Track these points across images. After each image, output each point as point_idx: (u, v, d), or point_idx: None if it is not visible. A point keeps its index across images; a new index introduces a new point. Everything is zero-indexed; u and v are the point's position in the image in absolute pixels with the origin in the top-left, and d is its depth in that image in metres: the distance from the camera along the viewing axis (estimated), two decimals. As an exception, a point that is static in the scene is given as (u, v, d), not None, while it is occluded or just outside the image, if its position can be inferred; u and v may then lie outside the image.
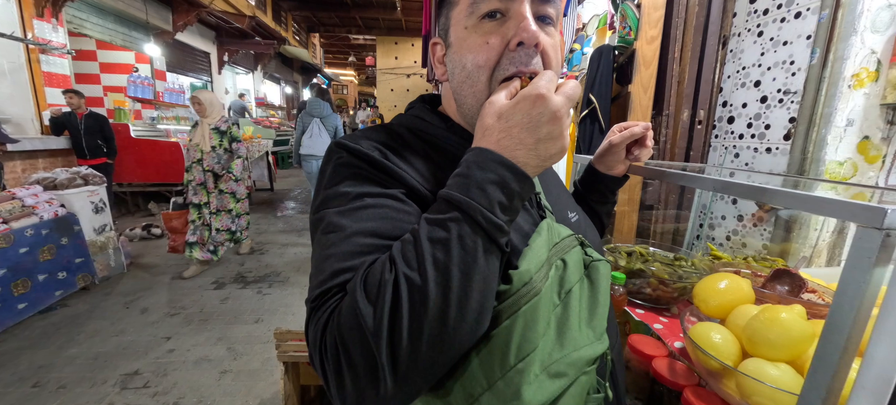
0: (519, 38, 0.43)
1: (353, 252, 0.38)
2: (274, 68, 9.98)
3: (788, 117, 1.08)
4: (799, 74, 1.06)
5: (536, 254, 0.41)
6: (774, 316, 0.52)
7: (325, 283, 0.37)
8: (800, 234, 1.13)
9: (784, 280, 0.74)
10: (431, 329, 0.32)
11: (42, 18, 3.65)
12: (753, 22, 1.16)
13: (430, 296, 0.32)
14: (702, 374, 0.61)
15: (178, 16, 5.70)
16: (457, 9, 0.47)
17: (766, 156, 1.14)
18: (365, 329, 0.32)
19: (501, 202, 0.35)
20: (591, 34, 2.13)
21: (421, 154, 0.48)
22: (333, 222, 0.41)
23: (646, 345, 0.71)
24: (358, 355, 0.32)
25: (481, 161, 0.36)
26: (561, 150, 0.37)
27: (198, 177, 2.99)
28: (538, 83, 0.37)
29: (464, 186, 0.36)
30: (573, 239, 0.46)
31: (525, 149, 0.36)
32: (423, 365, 0.33)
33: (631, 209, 1.28)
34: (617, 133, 0.72)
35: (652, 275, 0.87)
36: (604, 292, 0.44)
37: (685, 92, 1.21)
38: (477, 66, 0.45)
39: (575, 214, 0.59)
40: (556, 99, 0.36)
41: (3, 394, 1.81)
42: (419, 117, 0.53)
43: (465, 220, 0.34)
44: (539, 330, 0.38)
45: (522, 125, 0.36)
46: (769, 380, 0.48)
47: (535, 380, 0.37)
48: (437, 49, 0.53)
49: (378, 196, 0.42)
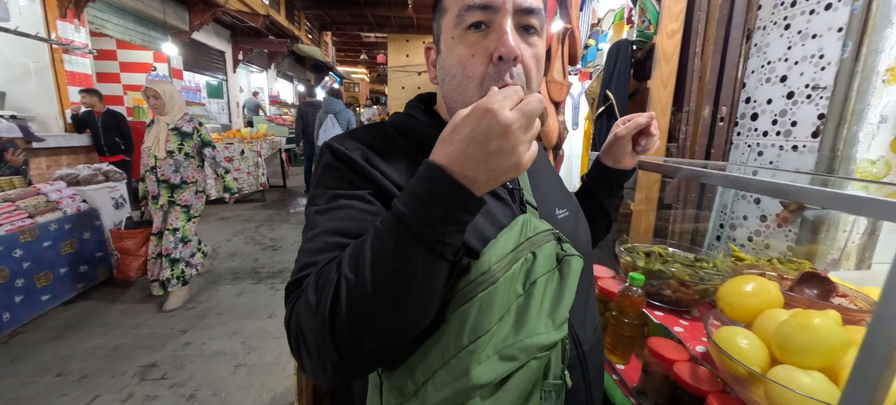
0: (499, 53, 0.46)
1: (319, 249, 0.44)
2: (287, 66, 10.09)
3: (817, 114, 1.04)
4: (829, 69, 1.01)
5: (501, 247, 0.44)
6: (807, 321, 0.49)
7: (296, 274, 0.43)
8: (827, 236, 1.08)
9: (813, 283, 0.71)
10: (368, 325, 0.36)
11: (65, 19, 3.75)
12: (780, 14, 1.12)
13: (365, 297, 0.36)
14: (727, 380, 0.59)
15: (194, 15, 5.80)
16: (446, 17, 0.50)
17: (792, 154, 1.10)
18: (313, 318, 0.37)
19: (442, 217, 0.36)
20: (607, 29, 2.08)
21: (404, 154, 0.52)
22: (311, 220, 0.47)
23: (666, 349, 0.69)
24: (311, 340, 0.38)
25: (427, 175, 0.37)
26: (514, 166, 0.36)
27: (152, 189, 2.43)
28: (491, 98, 0.36)
29: (408, 201, 0.37)
30: (549, 234, 0.49)
31: (473, 162, 0.36)
32: (362, 353, 0.37)
33: (648, 208, 1.25)
34: (621, 125, 0.73)
35: (672, 276, 0.84)
36: (571, 286, 0.46)
37: (707, 87, 1.17)
38: (465, 77, 0.48)
39: (564, 211, 0.61)
40: (508, 114, 0.35)
41: (29, 382, 1.87)
42: (411, 116, 0.57)
43: (404, 233, 0.36)
44: (494, 315, 0.42)
45: (470, 139, 0.35)
46: (801, 388, 0.46)
47: (487, 360, 0.40)
48: (431, 53, 0.56)
49: (349, 198, 0.46)
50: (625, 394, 0.75)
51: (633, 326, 0.81)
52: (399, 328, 0.38)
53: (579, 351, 0.54)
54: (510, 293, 0.43)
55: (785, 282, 0.73)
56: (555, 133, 1.40)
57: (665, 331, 0.80)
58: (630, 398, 0.73)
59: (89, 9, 4.06)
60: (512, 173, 0.37)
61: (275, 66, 9.31)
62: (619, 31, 1.67)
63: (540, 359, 0.42)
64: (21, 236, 2.16)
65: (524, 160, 0.37)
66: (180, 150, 2.39)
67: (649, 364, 0.70)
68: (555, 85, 1.36)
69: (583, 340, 0.55)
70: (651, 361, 0.69)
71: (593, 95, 1.41)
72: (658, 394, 0.69)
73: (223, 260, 3.35)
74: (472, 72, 0.48)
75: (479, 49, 0.47)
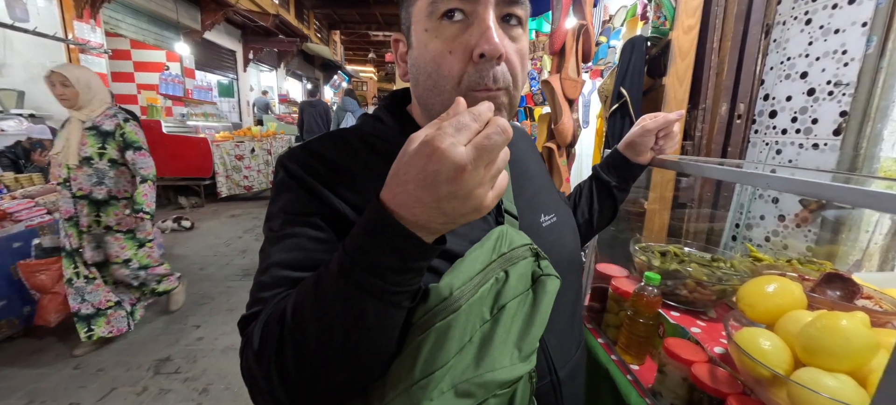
0: (480, 50, 0.39)
1: (269, 283, 0.41)
2: (296, 65, 10.17)
3: (839, 111, 1.01)
4: (852, 65, 0.98)
5: (468, 268, 0.39)
6: (833, 323, 0.48)
7: (249, 309, 0.41)
8: (849, 237, 1.05)
9: (836, 284, 0.69)
10: (318, 376, 0.35)
11: (81, 19, 3.83)
12: (801, 9, 1.09)
13: (312, 352, 0.34)
14: (748, 382, 0.58)
15: (206, 15, 5.88)
16: (417, 5, 0.43)
17: (812, 152, 1.07)
18: (261, 369, 0.35)
19: (392, 267, 0.32)
20: (619, 26, 2.06)
21: (366, 168, 0.46)
22: (264, 248, 0.44)
23: (683, 350, 0.68)
24: (262, 383, 0.36)
25: (374, 220, 0.32)
26: (474, 209, 0.30)
27: (65, 207, 1.84)
28: (442, 132, 0.29)
29: (354, 249, 0.32)
30: (526, 249, 0.43)
31: (424, 207, 0.30)
32: (318, 398, 0.36)
33: (662, 207, 1.23)
34: (650, 119, 0.72)
35: (689, 276, 0.83)
36: (544, 312, 0.41)
37: (724, 84, 1.14)
38: (441, 76, 0.42)
39: (552, 217, 0.56)
40: (459, 153, 0.28)
41: (47, 375, 1.92)
42: (379, 120, 0.51)
43: (350, 285, 0.32)
44: (452, 347, 0.37)
45: (418, 182, 0.29)
46: (827, 391, 0.45)
47: (440, 397, 0.36)
48: (400, 46, 0.49)
49: (302, 224, 0.43)
50: (639, 394, 0.74)
51: (649, 326, 0.80)
52: (353, 376, 0.36)
53: (553, 378, 0.49)
54: (475, 319, 0.38)
55: (806, 283, 0.72)
56: (570, 132, 1.39)
57: (682, 331, 0.79)
58: (645, 399, 0.73)
59: (104, 9, 4.14)
60: (473, 216, 0.31)
61: (284, 65, 9.39)
62: (633, 28, 1.65)
63: (499, 397, 0.37)
64: (40, 231, 2.22)
65: (486, 202, 0.31)
66: (102, 155, 1.82)
67: (666, 365, 0.69)
68: (569, 82, 1.35)
69: (559, 366, 0.50)
70: (668, 362, 0.68)
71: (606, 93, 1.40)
72: (675, 395, 0.68)
73: (234, 256, 3.40)
74: (448, 70, 0.41)
75: (458, 44, 0.41)
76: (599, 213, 0.76)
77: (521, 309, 0.41)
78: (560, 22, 1.35)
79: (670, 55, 1.14)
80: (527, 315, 0.41)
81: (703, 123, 1.19)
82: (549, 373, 0.49)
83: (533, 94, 2.75)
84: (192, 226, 4.18)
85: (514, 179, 0.54)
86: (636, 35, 1.35)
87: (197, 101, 5.92)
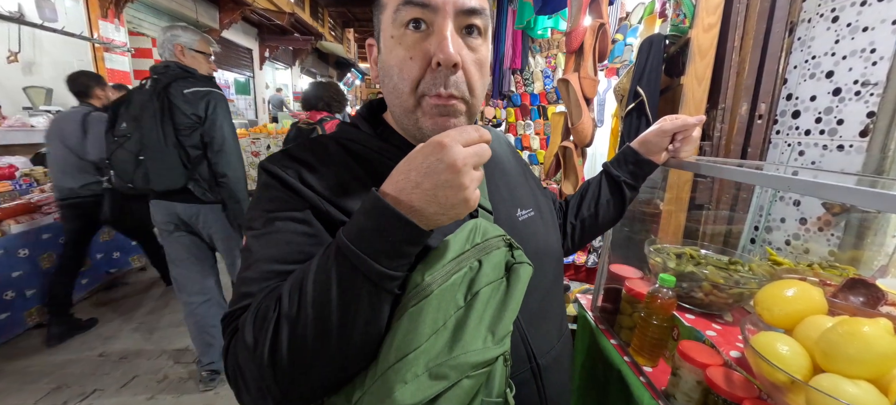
0: (437, 58, 0.43)
1: (256, 278, 0.42)
2: (311, 63, 10.29)
3: (867, 112, 0.98)
4: (881, 64, 0.95)
5: (440, 256, 0.41)
6: (855, 329, 0.47)
7: (234, 305, 0.42)
8: (874, 241, 1.02)
9: (859, 290, 0.67)
10: (311, 363, 0.36)
11: (106, 19, 3.96)
12: (827, 6, 1.06)
13: (307, 336, 0.35)
14: (764, 387, 0.57)
15: (224, 14, 6.00)
16: (385, 14, 0.46)
17: (837, 154, 1.04)
18: (251, 358, 0.36)
19: (387, 252, 0.36)
20: (636, 24, 2.02)
21: (344, 170, 0.48)
22: (248, 245, 0.45)
23: (698, 353, 0.67)
24: (250, 378, 0.37)
25: (371, 210, 0.36)
26: (463, 201, 0.36)
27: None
28: (447, 135, 0.36)
29: (353, 234, 0.36)
30: (500, 240, 0.45)
31: (421, 192, 0.35)
32: (307, 388, 0.37)
33: (678, 209, 1.21)
34: (669, 121, 0.72)
35: (705, 278, 0.82)
36: (516, 296, 0.43)
37: (745, 83, 1.12)
38: (401, 79, 0.45)
39: (528, 211, 0.58)
40: (458, 150, 0.35)
41: (75, 361, 2.01)
42: (355, 126, 0.53)
43: (347, 267, 0.35)
44: (424, 331, 0.38)
45: (420, 170, 0.36)
46: (848, 398, 0.44)
47: (414, 379, 0.36)
48: (373, 50, 0.52)
49: (286, 220, 0.44)
50: (653, 396, 0.74)
51: (662, 328, 0.79)
52: (343, 364, 0.37)
53: (533, 365, 0.51)
54: (448, 305, 0.40)
55: (828, 288, 0.70)
56: (589, 131, 1.38)
57: (697, 334, 0.78)
58: (658, 401, 0.72)
59: (128, 9, 4.26)
60: (461, 209, 0.37)
61: (299, 62, 9.51)
62: (651, 26, 1.62)
63: (473, 378, 0.38)
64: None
65: (473, 198, 0.37)
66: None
67: (680, 367, 0.69)
68: (588, 81, 1.33)
69: (538, 353, 0.52)
70: (682, 365, 0.68)
71: (622, 92, 1.38)
72: (688, 398, 0.68)
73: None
74: (408, 74, 0.44)
75: (418, 51, 0.44)
76: (606, 210, 0.76)
77: (494, 295, 0.42)
78: (578, 20, 1.34)
79: (689, 54, 1.12)
80: (500, 301, 0.42)
81: (723, 123, 1.16)
82: (529, 360, 0.51)
83: (546, 92, 2.73)
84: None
85: (489, 178, 0.56)
86: (654, 33, 1.33)
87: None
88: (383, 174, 0.44)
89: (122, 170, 1.56)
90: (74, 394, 1.77)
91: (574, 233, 0.76)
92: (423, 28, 0.44)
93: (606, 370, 0.89)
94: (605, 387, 0.90)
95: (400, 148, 0.51)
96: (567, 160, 1.59)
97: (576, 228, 0.76)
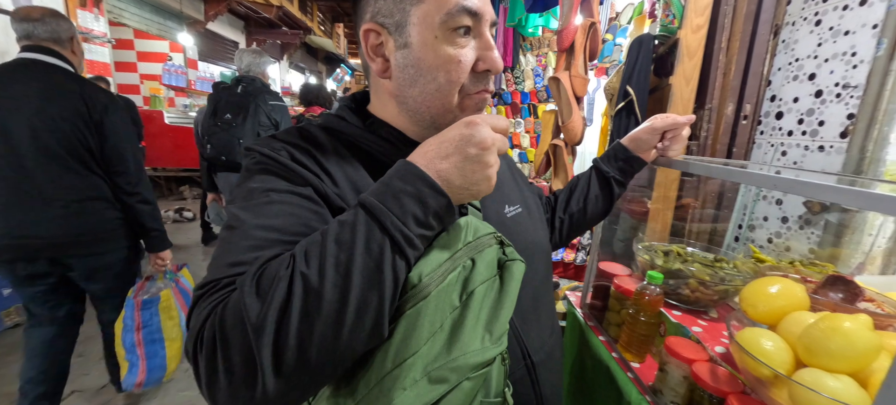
0: (487, 66, 0.47)
1: (252, 245, 0.37)
2: (299, 58, 10.14)
3: (847, 113, 1.01)
4: (861, 67, 0.98)
5: (435, 256, 0.39)
6: (836, 325, 0.48)
7: (218, 273, 0.36)
8: (852, 240, 1.05)
9: (838, 287, 0.69)
10: (323, 332, 0.31)
11: (85, 8, 3.82)
12: (810, 10, 1.08)
13: (325, 297, 0.31)
14: (749, 382, 0.58)
15: (209, 6, 5.86)
16: (421, 8, 0.44)
17: (818, 154, 1.07)
18: (247, 324, 0.30)
19: (416, 215, 0.36)
20: (626, 24, 2.04)
21: (335, 156, 0.47)
22: (236, 216, 0.40)
23: (685, 348, 0.68)
24: (236, 352, 0.30)
25: (404, 173, 0.37)
26: (486, 178, 0.39)
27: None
28: (479, 117, 0.40)
29: (381, 194, 0.36)
30: (491, 237, 0.44)
31: (450, 163, 0.37)
32: (309, 369, 0.31)
33: (665, 207, 1.23)
34: (660, 119, 0.74)
35: (691, 275, 0.83)
36: (511, 294, 0.42)
37: (731, 84, 1.14)
38: (449, 81, 0.46)
39: (516, 207, 0.59)
40: (488, 131, 0.39)
41: (53, 361, 1.94)
42: (339, 117, 0.52)
43: (375, 226, 0.34)
44: (423, 334, 0.37)
45: (452, 141, 0.38)
46: (828, 391, 0.45)
47: (413, 385, 0.35)
48: (379, 38, 0.47)
49: (284, 192, 0.41)
50: (640, 392, 0.75)
51: (650, 325, 0.80)
52: (355, 342, 0.33)
53: (528, 362, 0.52)
54: (445, 306, 0.38)
55: (809, 285, 0.72)
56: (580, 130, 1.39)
57: (683, 330, 0.79)
58: (645, 397, 0.73)
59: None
60: (483, 186, 0.39)
61: (287, 57, 9.35)
62: (640, 26, 1.64)
63: (473, 379, 0.37)
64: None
65: (493, 179, 0.39)
66: None
67: (667, 363, 0.70)
68: (578, 79, 1.34)
69: (532, 350, 0.52)
70: (669, 361, 0.69)
71: (612, 91, 1.39)
72: (675, 393, 0.69)
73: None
74: (456, 77, 0.46)
75: (466, 55, 0.46)
76: (594, 205, 0.76)
77: (489, 294, 0.41)
78: (570, 19, 1.34)
79: (678, 54, 1.13)
80: (495, 299, 0.41)
81: (709, 123, 1.19)
82: (524, 357, 0.52)
83: (537, 90, 2.74)
84: (194, 217, 4.19)
85: None
86: (644, 33, 1.35)
87: (200, 92, 5.92)
88: (377, 163, 0.44)
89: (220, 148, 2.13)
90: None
91: (562, 227, 0.77)
92: (469, 34, 0.46)
93: (595, 367, 0.90)
94: (593, 383, 0.91)
95: (390, 141, 0.50)
96: (557, 158, 1.60)
97: (564, 223, 0.77)
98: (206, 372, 0.32)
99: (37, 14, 1.25)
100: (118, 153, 1.31)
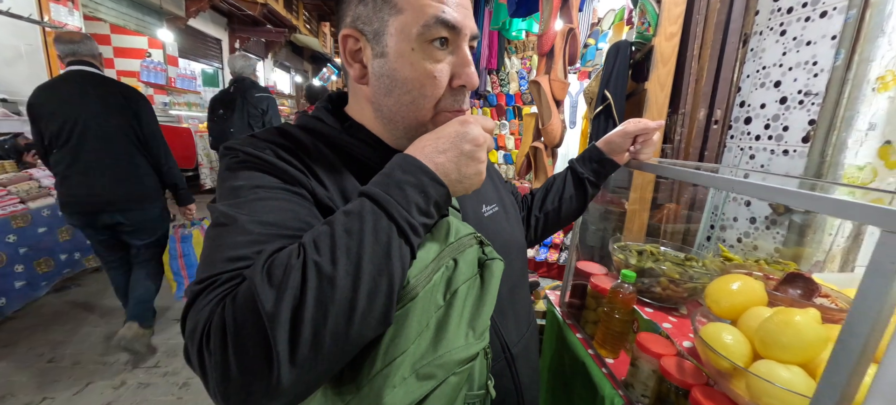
0: (462, 82, 0.47)
1: (251, 240, 0.36)
2: (284, 57, 9.99)
3: (808, 119, 1.06)
4: (821, 76, 1.03)
5: (422, 257, 0.40)
6: (788, 318, 0.51)
7: (216, 269, 0.35)
8: (814, 239, 1.11)
9: (797, 283, 0.73)
10: (337, 319, 0.32)
11: (58, 2, 3.68)
12: (776, 20, 1.14)
13: (338, 284, 0.32)
14: (711, 374, 0.61)
15: (191, 2, 5.71)
16: (399, 19, 0.44)
17: (783, 158, 1.12)
18: (263, 314, 0.30)
19: (418, 204, 0.38)
20: (607, 29, 2.10)
21: (317, 155, 0.47)
22: (226, 213, 0.38)
23: (654, 344, 0.71)
24: (252, 344, 0.30)
25: (405, 165, 0.39)
26: (477, 174, 0.42)
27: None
28: (473, 116, 0.44)
29: (384, 184, 0.37)
30: (471, 238, 0.46)
31: (446, 158, 0.40)
32: (322, 356, 0.31)
33: (642, 208, 1.27)
34: (633, 124, 0.76)
35: (662, 274, 0.87)
36: (492, 292, 0.44)
37: (703, 91, 1.19)
38: (423, 95, 0.46)
39: (493, 207, 0.61)
40: (480, 129, 0.42)
41: (21, 368, 1.87)
42: (317, 119, 0.52)
43: (382, 214, 0.36)
44: (410, 333, 0.38)
45: (448, 137, 0.41)
46: (780, 381, 0.48)
47: (402, 383, 0.36)
48: (357, 43, 0.47)
49: (274, 189, 0.41)
50: (613, 386, 0.77)
51: (624, 322, 0.83)
52: (367, 328, 0.34)
53: (507, 355, 0.54)
54: (430, 306, 0.40)
55: (770, 282, 0.76)
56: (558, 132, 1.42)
57: (654, 326, 0.82)
58: (618, 391, 0.76)
59: (83, -9, 3.99)
60: (475, 179, 0.42)
61: (272, 55, 9.20)
62: (619, 32, 1.68)
63: (459, 374, 0.39)
64: (13, 221, 2.14)
65: (483, 175, 0.43)
66: None
67: (638, 358, 0.72)
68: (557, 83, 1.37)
69: (511, 343, 0.55)
70: (640, 355, 0.72)
71: (592, 95, 1.43)
72: (645, 387, 0.71)
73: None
74: (432, 92, 0.46)
75: (443, 69, 0.45)
76: (568, 205, 0.79)
77: (470, 292, 0.43)
78: (550, 24, 1.37)
79: (653, 61, 1.18)
80: (476, 297, 0.44)
81: (683, 128, 1.23)
82: (503, 350, 0.54)
83: (521, 93, 2.78)
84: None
85: None
86: (621, 39, 1.39)
87: (180, 89, 5.77)
88: (357, 164, 0.45)
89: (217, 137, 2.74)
90: (20, 404, 1.65)
91: (538, 225, 0.79)
92: (447, 47, 0.46)
93: (573, 363, 0.93)
94: (571, 379, 0.93)
95: (368, 143, 0.51)
96: (537, 160, 1.63)
97: (540, 221, 0.79)
98: (217, 368, 0.30)
99: (78, 37, 1.76)
100: (152, 132, 1.82)
